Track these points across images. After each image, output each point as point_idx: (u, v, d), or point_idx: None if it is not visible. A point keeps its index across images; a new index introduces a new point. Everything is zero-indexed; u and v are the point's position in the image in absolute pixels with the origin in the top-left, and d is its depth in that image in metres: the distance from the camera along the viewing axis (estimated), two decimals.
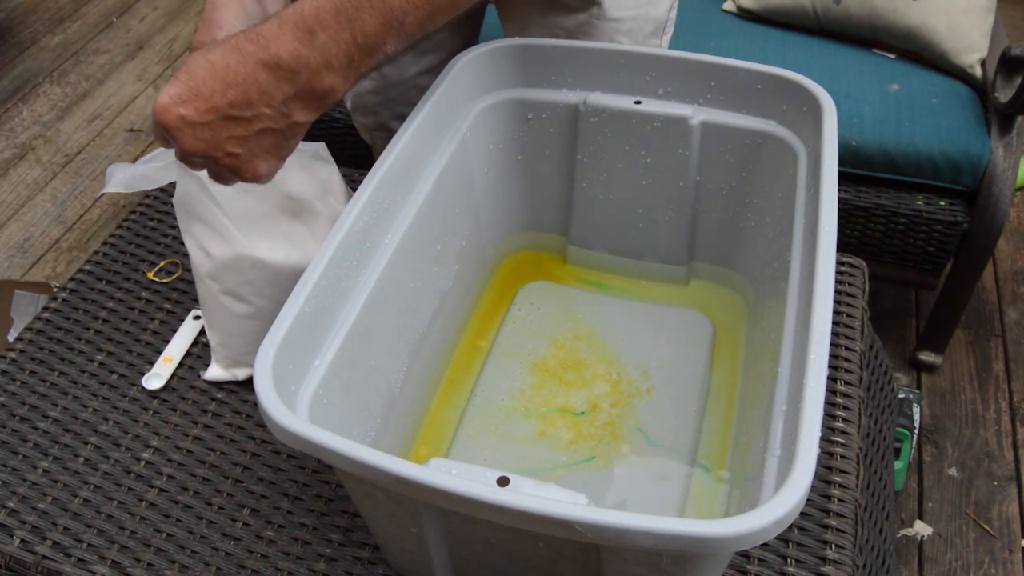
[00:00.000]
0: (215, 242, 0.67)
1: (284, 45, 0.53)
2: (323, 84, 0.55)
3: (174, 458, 0.69)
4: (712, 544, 0.41)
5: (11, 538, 0.64)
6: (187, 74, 0.53)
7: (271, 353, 0.50)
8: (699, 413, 0.69)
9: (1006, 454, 1.33)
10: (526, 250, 0.84)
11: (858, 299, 0.78)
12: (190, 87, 0.53)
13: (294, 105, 0.55)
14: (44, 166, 1.95)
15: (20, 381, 0.75)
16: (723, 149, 0.71)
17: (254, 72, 0.53)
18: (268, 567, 0.62)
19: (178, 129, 0.53)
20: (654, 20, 0.86)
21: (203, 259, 0.67)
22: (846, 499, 0.63)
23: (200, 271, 0.68)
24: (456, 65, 0.70)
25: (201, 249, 0.67)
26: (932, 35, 1.26)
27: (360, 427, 0.60)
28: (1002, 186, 1.18)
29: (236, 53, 0.53)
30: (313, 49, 0.54)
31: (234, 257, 0.66)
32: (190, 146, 0.54)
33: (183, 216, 0.68)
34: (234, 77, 0.53)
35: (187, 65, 0.54)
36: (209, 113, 0.53)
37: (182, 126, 0.53)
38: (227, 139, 0.55)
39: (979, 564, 1.20)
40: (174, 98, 0.53)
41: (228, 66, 0.53)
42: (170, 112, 0.53)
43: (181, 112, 0.53)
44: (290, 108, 0.55)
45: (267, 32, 0.54)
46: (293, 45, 0.53)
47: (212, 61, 0.53)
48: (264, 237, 0.67)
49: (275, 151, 0.57)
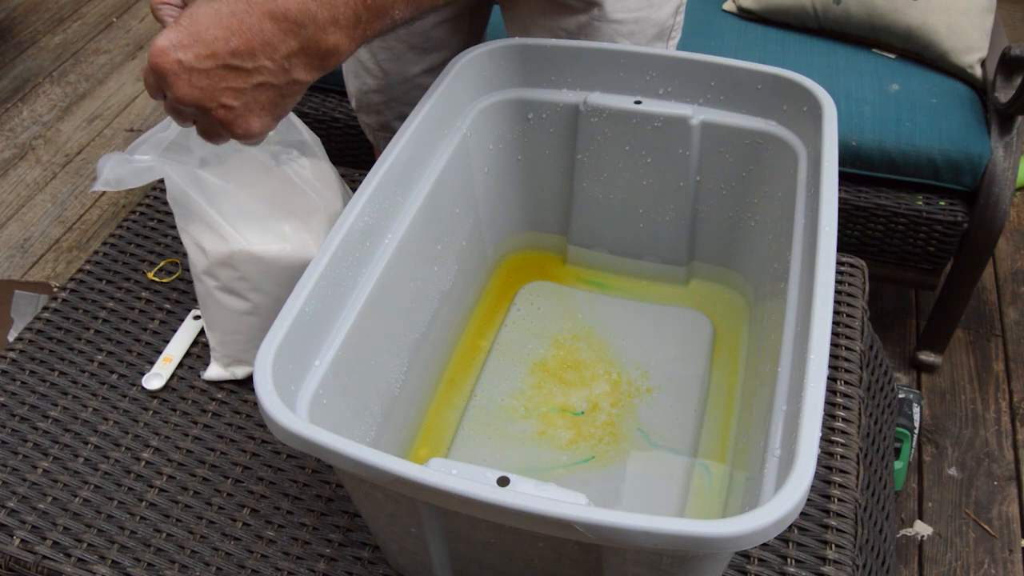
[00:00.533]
0: (210, 238, 0.66)
1: None
2: (328, 41, 0.55)
3: (174, 458, 0.69)
4: (712, 544, 0.41)
5: (11, 538, 0.64)
6: (189, 19, 0.52)
7: (271, 353, 0.50)
8: (699, 413, 0.69)
9: (1006, 454, 1.33)
10: (526, 250, 0.84)
11: (858, 299, 0.78)
12: (190, 32, 0.52)
13: (296, 61, 0.55)
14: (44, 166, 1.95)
15: (20, 381, 0.75)
16: (723, 149, 0.71)
17: (260, 22, 0.52)
18: (268, 567, 0.62)
19: (174, 74, 0.52)
20: (657, 24, 0.86)
21: (199, 256, 0.68)
22: (846, 499, 0.63)
23: (196, 268, 0.68)
24: (456, 65, 0.70)
25: (197, 246, 0.67)
26: (932, 35, 1.26)
27: (360, 427, 0.60)
28: (1002, 186, 1.19)
29: (243, 2, 0.52)
30: (321, 4, 0.53)
31: (229, 253, 0.66)
32: (184, 93, 0.53)
33: (179, 213, 0.68)
34: (239, 25, 0.52)
35: (188, 11, 0.52)
36: (208, 60, 0.52)
37: (179, 71, 0.52)
38: (224, 89, 0.53)
39: (979, 564, 1.20)
40: (173, 42, 0.51)
41: (233, 14, 0.52)
42: (167, 56, 0.51)
43: (179, 56, 0.52)
44: (292, 64, 0.55)
45: None
46: None
47: (217, 8, 0.52)
48: (258, 231, 0.67)
49: (271, 108, 0.56)
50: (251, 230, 0.67)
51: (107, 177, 0.64)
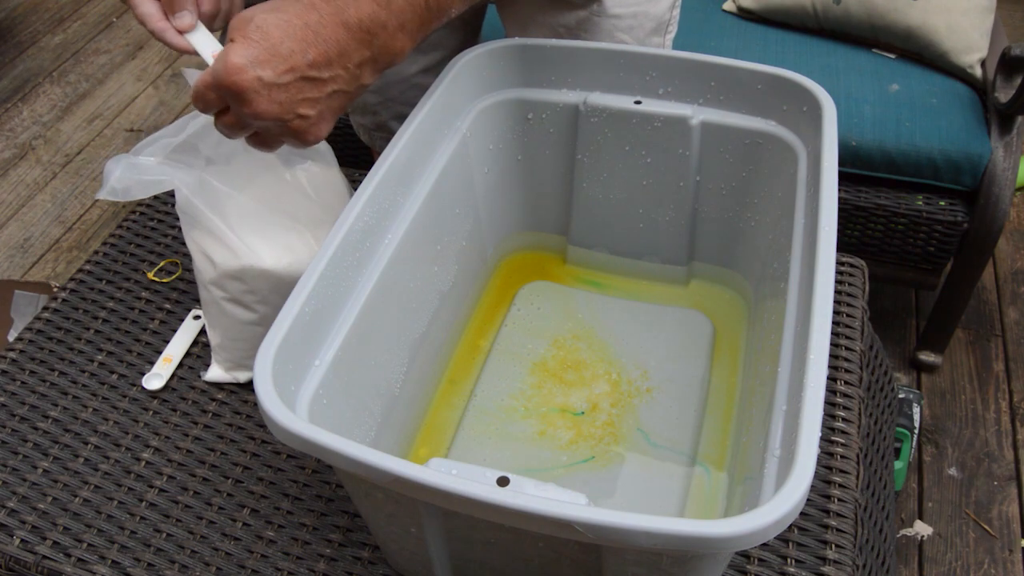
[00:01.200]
0: (219, 251, 0.66)
1: (364, 7, 0.53)
2: (396, 46, 0.56)
3: (174, 458, 0.69)
4: (712, 544, 0.41)
5: (11, 538, 0.64)
6: (260, 33, 0.51)
7: (271, 353, 0.50)
8: (699, 413, 0.69)
9: (1006, 454, 1.33)
10: (526, 250, 0.84)
11: (858, 299, 0.78)
12: (266, 47, 0.51)
13: (367, 67, 0.56)
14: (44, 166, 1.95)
15: (20, 381, 0.75)
16: (723, 149, 0.71)
17: (334, 32, 0.53)
18: (268, 567, 0.62)
19: (254, 92, 0.52)
20: (655, 18, 0.86)
21: (207, 266, 0.67)
22: (846, 499, 0.63)
23: (203, 277, 0.68)
24: (456, 65, 0.70)
25: (205, 256, 0.67)
26: (932, 35, 1.26)
27: (360, 427, 0.60)
28: (1002, 186, 1.18)
29: (314, 12, 0.52)
30: (390, 12, 0.54)
31: (240, 268, 0.65)
32: (264, 108, 0.52)
33: (186, 222, 0.67)
34: (314, 37, 0.52)
35: (255, 24, 0.52)
36: (287, 74, 0.52)
37: (259, 88, 0.52)
38: (301, 100, 0.54)
39: (979, 564, 1.20)
40: (250, 59, 0.51)
41: (307, 25, 0.52)
42: (246, 73, 0.51)
43: (258, 74, 0.51)
44: (362, 70, 0.55)
45: None
46: (372, 8, 0.53)
47: (288, 20, 0.52)
48: (268, 245, 0.66)
49: (339, 112, 0.57)
50: (260, 243, 0.66)
51: (113, 186, 0.63)
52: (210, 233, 0.66)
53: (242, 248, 0.65)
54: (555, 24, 0.85)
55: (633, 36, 0.86)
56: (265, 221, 0.67)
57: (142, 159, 0.65)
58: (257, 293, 0.67)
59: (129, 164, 0.64)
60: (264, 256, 0.65)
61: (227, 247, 0.65)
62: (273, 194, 0.68)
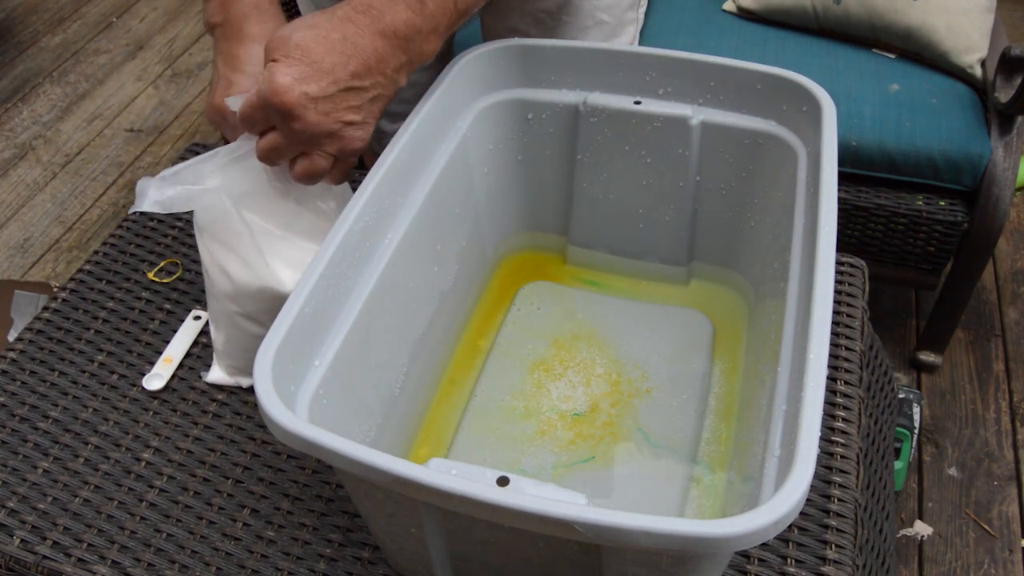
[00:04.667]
0: (239, 268, 0.65)
1: (399, 15, 0.55)
2: (429, 49, 0.58)
3: (174, 458, 0.69)
4: (712, 544, 0.41)
5: (11, 538, 0.64)
6: (300, 51, 0.53)
7: (271, 353, 0.51)
8: (699, 413, 0.69)
9: (1006, 454, 1.33)
10: (526, 250, 0.84)
11: (858, 299, 0.78)
12: (308, 64, 0.53)
13: (403, 71, 0.58)
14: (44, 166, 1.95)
15: (20, 381, 0.75)
16: (723, 149, 0.71)
17: (372, 42, 0.55)
18: (268, 567, 0.62)
19: (302, 107, 0.53)
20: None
21: (222, 279, 0.66)
22: (846, 499, 0.63)
23: (216, 289, 0.67)
24: (456, 65, 0.70)
25: (221, 270, 0.66)
26: (932, 35, 1.26)
27: (360, 427, 0.60)
28: (1002, 186, 1.19)
29: (351, 25, 0.54)
30: (424, 17, 0.56)
31: (260, 288, 0.65)
32: (313, 121, 0.54)
33: (202, 235, 0.66)
34: (353, 49, 0.54)
35: (293, 43, 0.54)
36: (332, 86, 0.54)
37: (306, 103, 0.54)
38: (345, 109, 0.56)
39: (979, 564, 1.20)
40: (295, 77, 0.53)
41: (345, 38, 0.54)
42: (293, 91, 0.53)
43: (304, 90, 0.53)
44: (399, 74, 0.58)
45: (378, 3, 0.55)
46: (407, 15, 0.56)
47: (325, 36, 0.54)
48: (289, 266, 0.65)
49: (379, 115, 0.59)
50: (280, 264, 0.65)
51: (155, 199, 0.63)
52: (230, 248, 0.65)
53: (263, 269, 0.64)
54: (534, 10, 0.86)
55: (612, 15, 0.87)
56: (286, 241, 0.66)
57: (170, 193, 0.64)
58: (272, 312, 0.66)
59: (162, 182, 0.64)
60: (284, 279, 0.65)
61: (247, 266, 0.64)
62: (295, 214, 0.67)
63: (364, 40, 0.55)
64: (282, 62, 0.54)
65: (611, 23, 0.89)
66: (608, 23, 0.89)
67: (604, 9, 0.86)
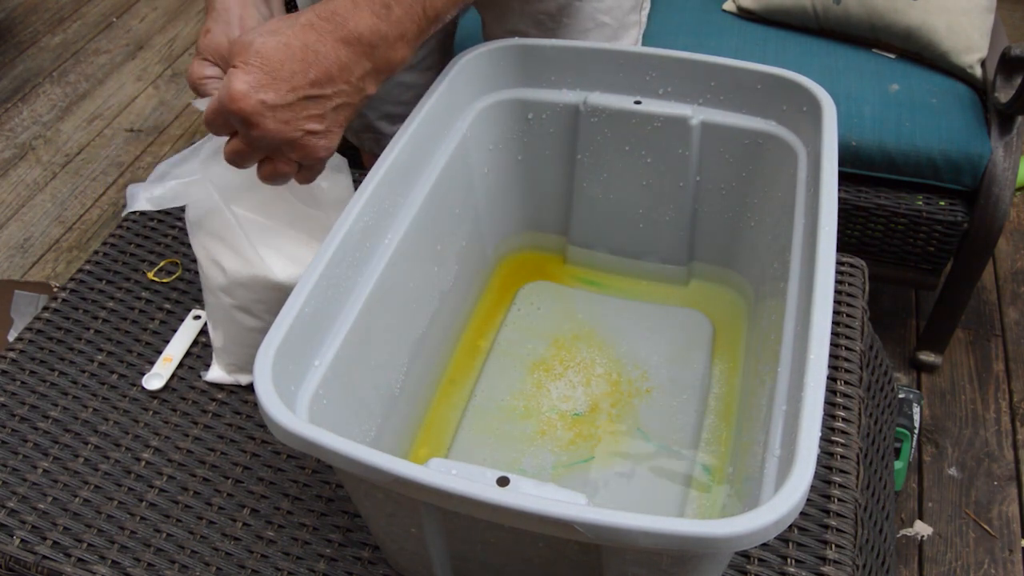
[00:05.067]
0: (231, 259, 0.65)
1: (363, 21, 0.54)
2: (396, 56, 0.57)
3: (174, 458, 0.69)
4: (712, 544, 0.41)
5: (11, 538, 0.64)
6: (260, 59, 0.53)
7: (271, 353, 0.50)
8: (699, 413, 0.69)
9: (1006, 454, 1.33)
10: (526, 250, 0.84)
11: (858, 299, 0.78)
12: (266, 71, 0.53)
13: (369, 78, 0.57)
14: (44, 166, 1.95)
15: (20, 381, 0.75)
16: (723, 149, 0.71)
17: (334, 49, 0.54)
18: (268, 567, 0.62)
19: (259, 115, 0.53)
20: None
21: (216, 273, 0.66)
22: (846, 499, 0.63)
23: (211, 283, 0.67)
24: (456, 65, 0.70)
25: (214, 263, 0.66)
26: (932, 35, 1.26)
27: (360, 427, 0.60)
28: (1002, 186, 1.18)
29: (312, 32, 0.53)
30: (390, 23, 0.55)
31: (251, 277, 0.65)
32: (270, 129, 0.54)
33: (193, 227, 0.67)
34: (314, 56, 0.53)
35: (254, 49, 0.53)
36: (291, 94, 0.53)
37: (263, 111, 0.53)
38: (306, 117, 0.55)
39: (979, 564, 1.20)
40: (252, 84, 0.52)
41: (306, 46, 0.53)
42: (249, 99, 0.52)
43: (261, 97, 0.52)
44: (365, 82, 0.57)
45: (342, 9, 0.54)
46: (371, 21, 0.54)
47: (286, 43, 0.53)
48: (280, 256, 0.66)
49: (344, 124, 0.58)
50: (272, 254, 0.66)
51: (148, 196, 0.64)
52: (221, 240, 0.65)
53: (254, 258, 0.65)
54: (535, 12, 0.85)
55: (613, 17, 0.86)
56: (276, 231, 0.66)
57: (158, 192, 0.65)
58: (266, 303, 0.67)
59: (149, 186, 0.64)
60: (275, 267, 0.65)
61: (238, 255, 0.65)
62: (284, 204, 0.67)
63: (325, 47, 0.54)
64: (241, 68, 0.53)
65: (613, 25, 0.89)
66: (610, 25, 0.89)
67: (605, 11, 0.86)
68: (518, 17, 0.86)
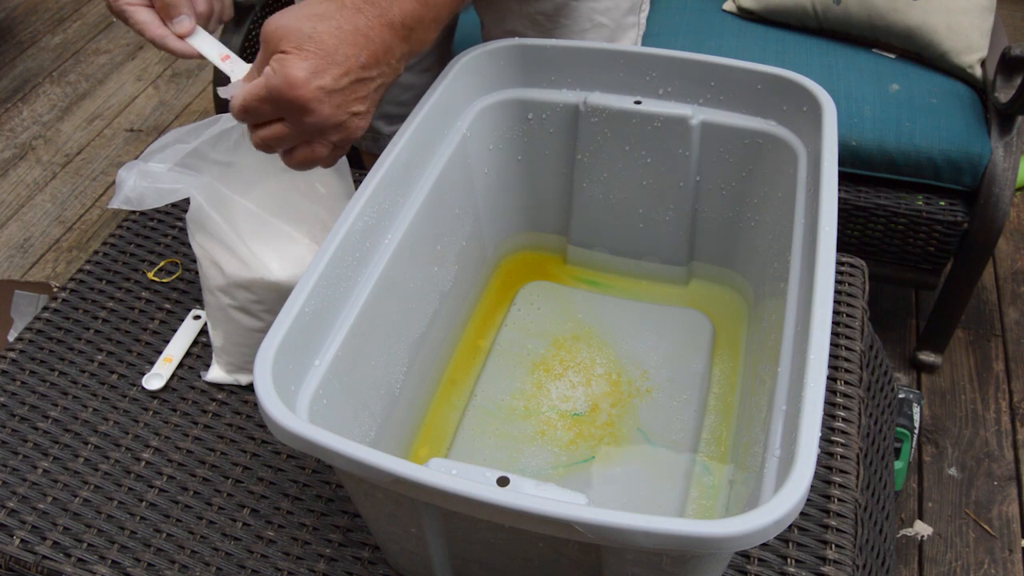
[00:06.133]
0: (229, 260, 0.65)
1: (405, 6, 0.56)
2: (429, 38, 0.59)
3: (174, 458, 0.69)
4: (712, 544, 0.41)
5: (11, 538, 0.64)
6: (314, 44, 0.53)
7: (271, 353, 0.50)
8: (699, 413, 0.69)
9: (1006, 454, 1.33)
10: (526, 250, 0.84)
11: (858, 299, 0.78)
12: (323, 56, 0.53)
13: (403, 60, 0.59)
14: (44, 166, 1.95)
15: (20, 381, 0.75)
16: (723, 149, 0.71)
17: (381, 33, 0.56)
18: (268, 567, 0.62)
19: (318, 101, 0.54)
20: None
21: (215, 273, 0.66)
22: (846, 499, 0.63)
23: (210, 282, 0.67)
24: (456, 65, 0.70)
25: (213, 263, 0.66)
26: (932, 35, 1.26)
27: (360, 427, 0.60)
28: (1002, 186, 1.19)
29: (361, 16, 0.55)
30: (427, 7, 0.57)
31: (249, 279, 0.65)
32: (327, 114, 0.55)
33: (193, 227, 0.67)
34: (365, 40, 0.55)
35: (307, 36, 0.54)
36: (344, 78, 0.54)
37: (321, 97, 0.54)
38: (354, 100, 0.56)
39: (979, 564, 1.20)
40: (310, 71, 0.53)
41: (357, 30, 0.55)
42: (308, 85, 0.53)
43: (320, 83, 0.53)
44: (401, 63, 0.59)
45: None
46: (413, 6, 0.57)
47: (339, 27, 0.54)
48: (279, 257, 0.66)
49: (377, 103, 0.60)
50: (271, 255, 0.66)
51: (128, 195, 0.63)
52: (220, 241, 0.65)
53: (253, 259, 0.65)
54: (532, 12, 0.85)
55: (610, 17, 0.87)
56: (276, 231, 0.66)
57: (153, 166, 0.64)
58: (265, 303, 0.67)
59: (142, 171, 0.64)
60: (274, 268, 0.65)
61: (237, 257, 0.65)
62: (284, 203, 0.67)
63: (374, 32, 0.55)
64: (295, 54, 0.53)
65: (610, 26, 0.89)
66: (607, 26, 0.89)
67: (602, 12, 0.86)
68: (516, 18, 0.86)
